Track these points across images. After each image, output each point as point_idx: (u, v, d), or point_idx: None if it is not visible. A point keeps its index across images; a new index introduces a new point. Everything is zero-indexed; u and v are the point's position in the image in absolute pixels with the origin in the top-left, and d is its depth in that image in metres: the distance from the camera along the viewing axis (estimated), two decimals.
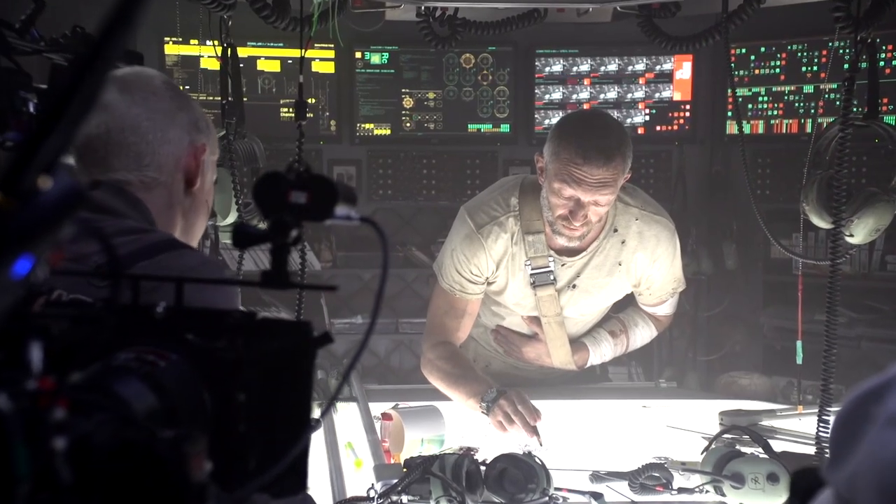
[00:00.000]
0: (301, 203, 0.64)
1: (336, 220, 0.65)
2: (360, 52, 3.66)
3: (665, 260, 2.37)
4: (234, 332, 0.62)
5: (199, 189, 1.40)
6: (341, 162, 3.73)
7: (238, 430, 0.60)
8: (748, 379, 2.55)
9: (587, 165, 2.08)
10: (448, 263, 2.34)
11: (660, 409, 2.29)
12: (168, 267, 1.25)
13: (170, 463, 0.51)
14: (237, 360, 0.61)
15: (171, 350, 0.60)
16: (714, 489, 1.68)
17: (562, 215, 2.17)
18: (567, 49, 3.67)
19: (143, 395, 0.56)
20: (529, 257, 2.30)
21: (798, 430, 2.07)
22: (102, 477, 0.51)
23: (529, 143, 3.72)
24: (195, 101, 1.43)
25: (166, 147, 1.34)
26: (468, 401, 2.19)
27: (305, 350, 0.65)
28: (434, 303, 2.41)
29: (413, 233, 3.83)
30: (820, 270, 2.73)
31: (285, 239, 0.64)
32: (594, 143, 2.09)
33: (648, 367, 3.47)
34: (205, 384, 0.59)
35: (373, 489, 1.60)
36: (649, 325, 2.50)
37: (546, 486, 1.61)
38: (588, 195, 2.12)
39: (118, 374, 0.57)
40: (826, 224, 1.99)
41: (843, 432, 0.67)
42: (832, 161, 1.96)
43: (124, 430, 0.52)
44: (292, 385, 0.64)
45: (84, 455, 0.50)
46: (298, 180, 0.64)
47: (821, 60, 3.30)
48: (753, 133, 3.45)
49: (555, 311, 2.36)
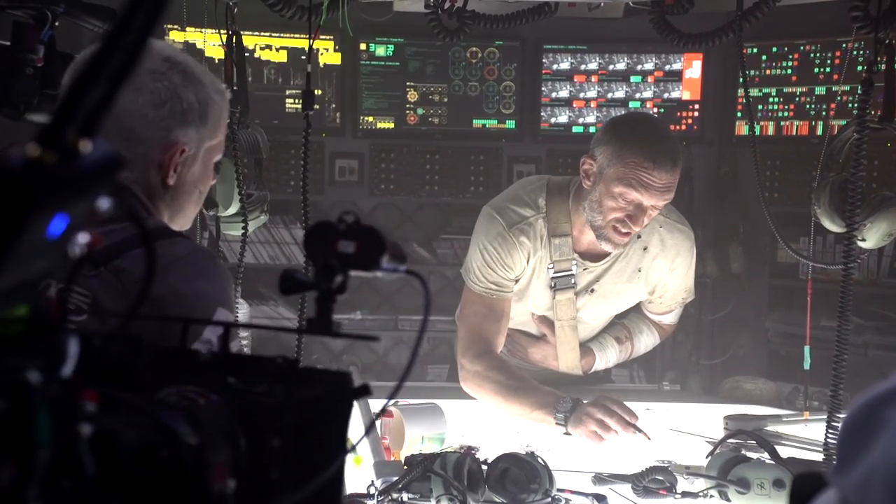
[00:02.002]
0: (349, 252, 0.67)
1: (382, 271, 0.68)
2: (365, 45, 3.62)
3: (682, 270, 2.36)
4: (274, 378, 0.64)
5: (178, 183, 1.35)
6: (344, 155, 3.70)
7: (270, 476, 0.60)
8: (753, 384, 2.52)
9: (657, 170, 2.07)
10: (480, 265, 2.28)
11: (663, 412, 2.26)
12: (159, 255, 1.22)
13: (191, 468, 0.52)
14: (275, 405, 0.61)
15: (212, 391, 0.61)
16: (719, 494, 1.65)
17: (616, 219, 2.14)
18: (575, 45, 3.63)
19: (179, 423, 0.56)
20: (553, 260, 2.27)
21: (804, 437, 2.03)
22: (125, 476, 0.51)
23: (535, 140, 3.69)
24: (199, 78, 1.34)
25: (138, 148, 1.30)
26: (533, 413, 2.11)
27: (342, 400, 0.66)
28: (468, 310, 2.32)
29: (415, 228, 3.80)
30: (828, 276, 2.70)
31: (330, 285, 0.66)
32: (662, 147, 2.10)
33: (651, 369, 3.44)
34: (242, 428, 0.59)
35: (373, 486, 1.57)
36: (653, 332, 2.49)
37: (549, 487, 1.58)
38: (653, 200, 2.10)
39: (157, 404, 0.58)
40: (838, 228, 1.95)
41: (853, 437, 0.66)
42: (846, 164, 1.92)
43: (150, 433, 0.53)
44: (327, 435, 0.64)
45: (109, 451, 0.50)
46: (348, 230, 0.67)
47: (834, 62, 3.27)
48: (763, 134, 3.41)
49: (570, 315, 2.33)
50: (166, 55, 1.32)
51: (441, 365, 3.64)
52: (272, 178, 3.40)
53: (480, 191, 3.68)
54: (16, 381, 0.45)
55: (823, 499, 0.70)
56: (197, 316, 1.23)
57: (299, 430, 0.62)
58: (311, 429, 0.63)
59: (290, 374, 0.65)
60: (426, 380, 3.57)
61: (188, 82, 1.32)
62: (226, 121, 1.41)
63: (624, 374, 3.20)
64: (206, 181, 1.42)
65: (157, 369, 0.63)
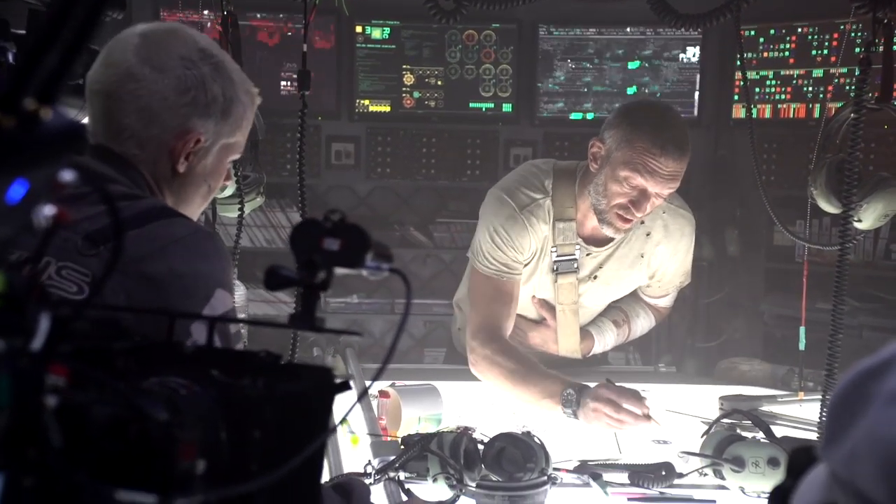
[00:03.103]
0: (334, 250, 0.68)
1: (366, 268, 0.69)
2: (361, 27, 3.61)
3: (681, 254, 2.37)
4: (257, 371, 0.65)
5: (187, 172, 1.34)
6: (340, 138, 3.69)
7: (250, 468, 0.61)
8: (748, 365, 2.53)
9: (664, 157, 2.07)
10: (490, 247, 2.27)
11: (659, 394, 2.26)
12: (158, 236, 1.22)
13: (159, 444, 0.53)
14: (257, 397, 0.63)
15: (195, 383, 0.61)
16: (714, 472, 1.66)
17: (620, 204, 2.14)
18: (573, 28, 3.62)
19: (154, 407, 0.57)
20: (557, 244, 2.27)
21: (799, 417, 2.05)
22: (93, 452, 0.52)
23: (532, 124, 3.68)
24: (230, 74, 1.33)
25: (153, 129, 1.29)
26: (542, 401, 2.10)
27: (324, 395, 0.67)
28: (477, 292, 2.31)
29: (411, 212, 3.79)
30: (823, 258, 2.70)
31: (313, 281, 0.67)
32: (671, 134, 2.09)
33: (646, 352, 3.45)
34: (223, 420, 0.60)
35: (370, 465, 1.57)
36: (649, 315, 2.50)
37: (545, 466, 1.59)
38: (658, 187, 2.10)
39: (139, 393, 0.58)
40: (834, 209, 1.96)
41: (841, 411, 0.66)
42: (843, 145, 1.93)
43: (120, 410, 0.53)
44: (308, 429, 0.65)
45: (78, 426, 0.51)
46: (334, 228, 0.68)
47: (831, 44, 3.26)
48: (760, 117, 3.40)
49: (572, 300, 2.33)
50: (202, 46, 1.31)
51: (437, 348, 3.65)
52: (268, 161, 3.39)
53: (477, 174, 3.68)
54: None
55: (815, 473, 0.71)
56: (196, 296, 1.22)
57: (280, 423, 0.63)
58: (293, 423, 0.64)
59: (273, 369, 0.66)
60: (423, 363, 3.58)
61: (218, 75, 1.31)
62: (249, 123, 1.39)
63: (620, 357, 3.22)
64: (218, 177, 1.41)
65: (140, 360, 0.64)
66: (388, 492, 1.54)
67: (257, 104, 1.41)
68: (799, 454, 0.80)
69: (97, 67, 1.30)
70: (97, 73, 1.30)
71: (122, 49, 1.28)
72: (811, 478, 0.71)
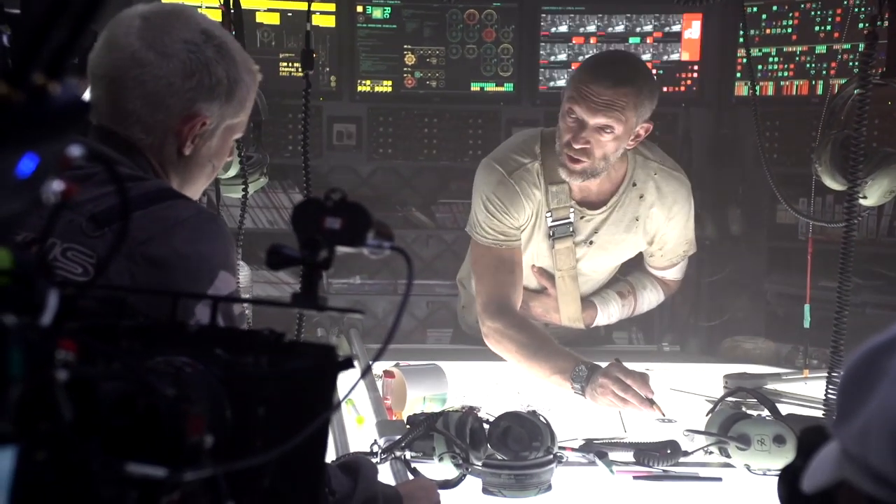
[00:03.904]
0: (335, 229, 0.68)
1: (367, 247, 0.69)
2: (362, 7, 3.58)
3: (680, 219, 2.35)
4: (260, 350, 0.65)
5: (193, 154, 1.34)
6: (341, 119, 3.67)
7: (255, 444, 0.62)
8: (752, 343, 2.53)
9: (594, 83, 2.08)
10: (485, 216, 2.27)
11: (663, 373, 2.27)
12: (162, 217, 1.21)
13: (167, 419, 0.54)
14: (261, 375, 0.63)
15: (200, 361, 0.62)
16: (719, 450, 1.66)
17: (566, 142, 2.14)
18: (573, 7, 3.59)
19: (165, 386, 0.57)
20: (551, 208, 2.27)
21: (804, 395, 2.05)
22: (103, 424, 0.52)
23: (533, 104, 3.66)
24: (233, 55, 1.32)
25: (159, 114, 1.29)
26: (552, 377, 2.10)
27: (327, 373, 0.67)
28: (479, 265, 2.31)
29: (413, 193, 3.78)
30: (826, 236, 2.70)
31: (315, 260, 0.67)
32: (607, 66, 2.13)
33: (649, 331, 3.45)
34: (228, 398, 0.61)
35: (376, 445, 1.58)
36: (657, 288, 2.48)
37: (550, 445, 1.59)
38: (591, 116, 2.08)
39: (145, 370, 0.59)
40: (839, 186, 1.95)
41: (852, 387, 0.66)
42: (848, 121, 1.92)
43: (128, 384, 0.54)
44: (312, 407, 0.65)
45: (87, 400, 0.51)
46: (335, 207, 0.68)
47: (835, 20, 3.23)
48: (763, 95, 3.38)
49: (570, 265, 2.32)
50: (204, 27, 1.30)
51: (440, 329, 3.66)
52: (269, 142, 3.37)
53: (479, 154, 3.65)
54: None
55: (825, 451, 0.71)
56: (200, 278, 1.22)
57: (284, 400, 0.64)
58: (296, 400, 0.65)
59: (276, 347, 0.66)
60: (426, 343, 3.59)
61: (221, 57, 1.30)
62: (251, 102, 1.39)
63: (623, 336, 3.22)
64: (222, 157, 1.41)
65: (145, 340, 0.65)
66: (394, 471, 1.54)
67: (259, 80, 1.40)
68: (809, 433, 0.80)
69: (99, 51, 1.29)
70: (99, 56, 1.29)
71: (125, 32, 1.27)
72: (822, 456, 0.71)
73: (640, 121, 2.14)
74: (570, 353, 2.13)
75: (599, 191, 2.28)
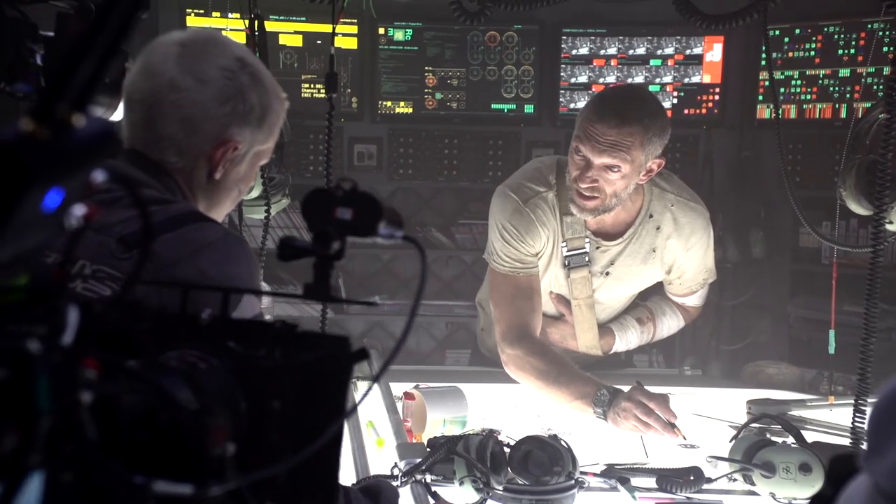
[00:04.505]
0: (346, 219, 0.67)
1: (379, 237, 0.68)
2: (384, 29, 3.61)
3: (698, 249, 2.33)
4: (274, 341, 0.65)
5: (222, 179, 1.36)
6: (362, 140, 3.70)
7: (270, 438, 0.61)
8: (776, 368, 2.50)
9: (600, 123, 2.06)
10: (500, 245, 2.27)
11: (685, 397, 2.24)
12: (189, 240, 1.22)
13: (190, 433, 0.53)
14: (275, 368, 0.62)
15: (213, 355, 0.61)
16: (743, 478, 1.64)
17: (575, 178, 2.13)
18: (595, 29, 3.60)
19: (180, 390, 0.56)
20: (566, 238, 2.27)
21: (830, 422, 2.02)
22: (126, 442, 0.52)
23: (553, 125, 3.67)
24: (265, 82, 1.35)
25: (194, 138, 1.31)
26: (573, 402, 2.09)
27: (342, 364, 0.66)
28: (497, 292, 2.30)
29: (433, 213, 3.79)
30: (850, 260, 2.67)
31: (327, 252, 0.66)
32: (614, 104, 2.10)
33: (670, 355, 3.43)
34: (242, 391, 0.60)
35: (397, 468, 1.57)
36: (677, 314, 2.47)
37: (572, 470, 1.58)
38: (596, 156, 2.07)
39: (158, 368, 0.58)
40: (864, 210, 1.93)
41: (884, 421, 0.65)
42: (873, 145, 1.90)
43: (150, 398, 0.53)
44: (326, 399, 0.65)
45: (110, 417, 0.51)
46: (345, 197, 0.67)
47: (858, 43, 3.22)
48: (785, 118, 3.37)
49: (586, 294, 2.32)
50: (239, 55, 1.33)
51: (459, 350, 3.65)
52: (291, 163, 3.40)
53: (499, 175, 3.67)
54: (16, 349, 0.45)
55: (855, 484, 0.69)
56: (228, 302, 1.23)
57: (299, 393, 0.63)
58: (311, 392, 0.64)
59: (289, 339, 0.65)
60: (445, 365, 3.58)
61: (255, 84, 1.33)
62: (279, 128, 1.41)
63: (643, 360, 3.19)
64: (248, 182, 1.43)
65: (157, 333, 0.64)
66: (414, 494, 1.53)
67: (286, 107, 1.42)
68: (839, 462, 0.79)
69: (136, 76, 1.31)
70: (137, 81, 1.31)
71: (163, 59, 1.29)
72: (852, 488, 0.70)
73: (651, 157, 2.12)
74: (590, 377, 2.12)
75: (615, 222, 2.27)
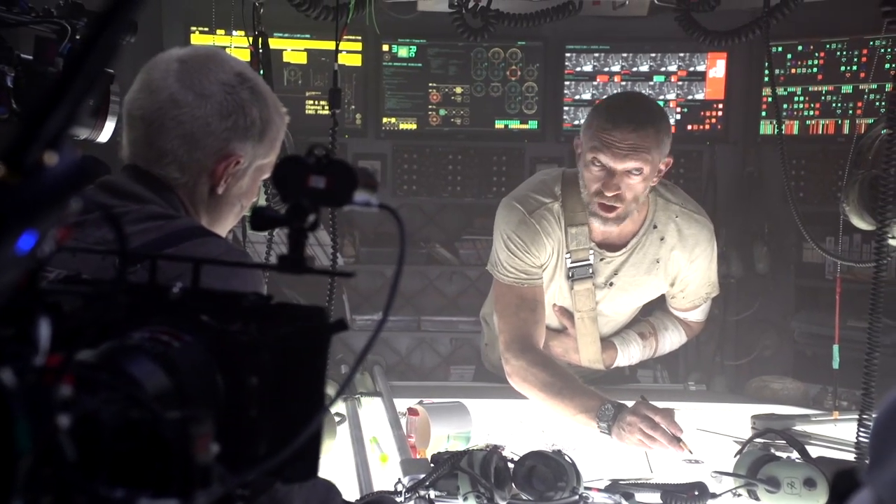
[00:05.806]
0: (320, 188, 0.64)
1: (355, 205, 0.65)
2: (388, 46, 3.63)
3: (702, 262, 2.34)
4: (249, 315, 0.62)
5: (224, 193, 1.37)
6: (366, 156, 3.71)
7: (249, 414, 0.60)
8: (780, 383, 2.49)
9: (616, 130, 2.09)
10: (505, 256, 2.28)
11: (689, 412, 2.24)
12: (192, 255, 1.23)
13: (174, 444, 0.51)
14: (251, 343, 0.60)
15: (185, 331, 0.59)
16: (748, 493, 1.64)
17: (596, 190, 2.15)
18: (598, 45, 3.62)
19: (154, 376, 0.55)
20: (570, 250, 2.27)
21: (834, 437, 2.01)
22: (107, 455, 0.50)
23: (557, 141, 3.68)
24: (265, 97, 1.36)
25: (196, 154, 1.32)
26: (577, 416, 2.08)
27: (320, 336, 0.64)
28: (501, 303, 2.31)
29: (437, 229, 3.80)
30: (854, 275, 2.67)
31: (302, 223, 0.63)
32: (624, 111, 2.13)
33: (674, 370, 3.41)
34: (218, 367, 0.59)
35: (400, 483, 1.57)
36: (679, 329, 2.46)
37: (576, 485, 1.58)
38: (618, 162, 2.09)
39: (130, 354, 0.56)
40: (867, 226, 1.94)
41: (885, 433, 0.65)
42: (876, 161, 1.90)
43: (130, 410, 0.52)
44: (305, 371, 0.63)
45: (89, 432, 0.49)
46: (318, 165, 0.64)
47: (861, 60, 3.23)
48: (788, 134, 3.38)
49: (589, 307, 2.32)
50: (238, 70, 1.34)
51: (463, 366, 3.64)
52: None
53: (503, 191, 3.65)
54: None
55: (859, 498, 0.69)
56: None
57: (277, 367, 0.61)
58: (289, 365, 0.62)
59: (264, 311, 0.63)
60: (449, 380, 3.57)
61: (255, 99, 1.34)
62: (280, 142, 1.42)
63: (647, 374, 3.18)
64: (250, 197, 1.44)
65: (127, 309, 0.62)
66: None
67: (287, 122, 1.43)
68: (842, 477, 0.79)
69: (137, 93, 1.32)
70: (138, 98, 1.32)
71: (163, 75, 1.30)
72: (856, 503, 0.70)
73: (663, 157, 2.15)
74: (594, 391, 2.11)
75: (620, 233, 2.28)
